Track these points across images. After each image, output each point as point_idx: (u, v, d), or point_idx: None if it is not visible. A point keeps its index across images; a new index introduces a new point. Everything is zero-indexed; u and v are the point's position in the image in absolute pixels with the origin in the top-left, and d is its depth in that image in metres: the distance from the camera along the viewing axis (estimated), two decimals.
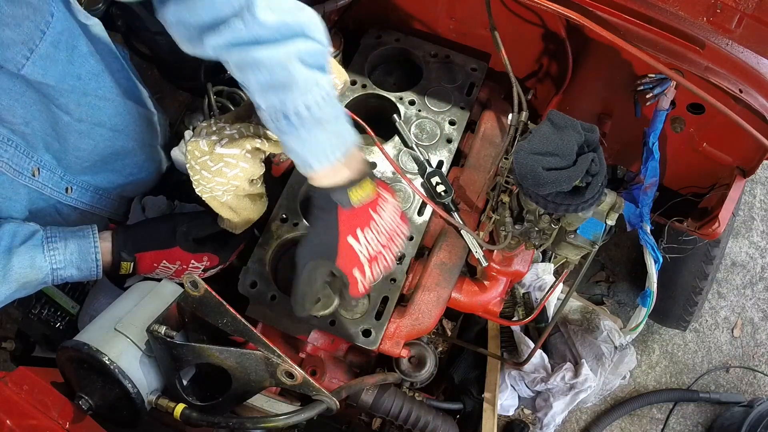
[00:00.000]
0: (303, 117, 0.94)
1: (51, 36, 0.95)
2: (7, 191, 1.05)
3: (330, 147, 0.97)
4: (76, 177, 1.18)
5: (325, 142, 0.97)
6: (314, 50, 0.95)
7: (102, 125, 1.14)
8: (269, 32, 0.91)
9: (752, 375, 2.27)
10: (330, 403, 1.02)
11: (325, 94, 0.95)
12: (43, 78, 0.98)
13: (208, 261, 1.19)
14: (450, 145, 1.38)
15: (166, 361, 1.02)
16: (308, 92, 0.94)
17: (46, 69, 0.97)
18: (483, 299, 1.29)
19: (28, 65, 0.94)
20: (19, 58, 0.93)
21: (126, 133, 1.21)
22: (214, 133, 1.07)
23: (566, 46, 1.40)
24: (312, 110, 0.94)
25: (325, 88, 0.95)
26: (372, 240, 1.06)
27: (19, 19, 0.89)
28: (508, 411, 1.97)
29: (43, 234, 1.05)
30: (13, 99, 0.97)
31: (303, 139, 0.96)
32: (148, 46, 1.41)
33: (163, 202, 1.32)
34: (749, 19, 1.16)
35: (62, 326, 1.29)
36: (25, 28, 0.91)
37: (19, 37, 0.91)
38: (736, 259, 2.41)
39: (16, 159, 1.04)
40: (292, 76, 0.92)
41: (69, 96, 1.05)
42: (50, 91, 1.01)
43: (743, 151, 1.32)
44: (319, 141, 0.96)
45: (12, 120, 1.00)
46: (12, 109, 0.98)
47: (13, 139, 1.02)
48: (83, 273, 1.09)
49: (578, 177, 0.96)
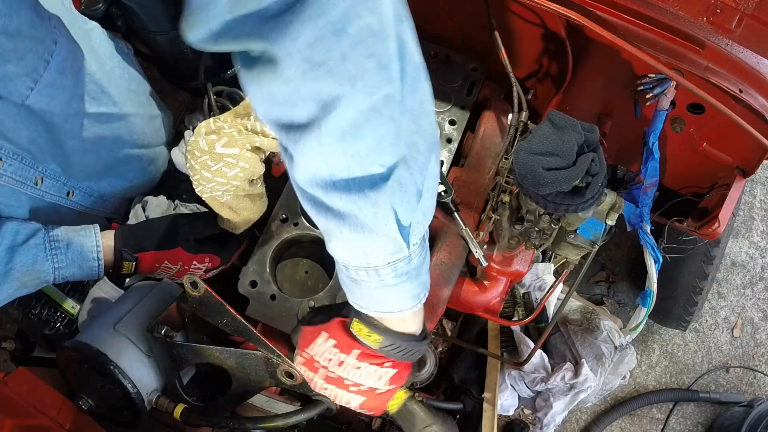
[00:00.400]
0: (384, 274, 0.78)
1: (56, 63, 0.94)
2: (9, 199, 1.05)
3: (405, 303, 0.84)
4: (79, 183, 1.18)
5: (400, 300, 0.84)
6: (410, 202, 0.74)
7: (105, 138, 1.15)
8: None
9: (752, 375, 2.27)
10: (330, 403, 1.02)
11: (414, 251, 0.79)
12: (49, 107, 0.97)
13: (209, 262, 1.19)
14: (450, 145, 1.38)
15: (166, 361, 1.02)
16: (401, 251, 0.76)
17: (52, 96, 0.96)
18: (483, 299, 1.29)
19: (33, 95, 0.93)
20: (22, 90, 0.91)
21: (131, 142, 1.22)
22: (214, 132, 1.07)
23: (566, 46, 1.40)
24: (397, 269, 0.78)
25: (415, 246, 0.79)
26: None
27: (21, 52, 0.87)
28: (508, 411, 1.97)
29: (45, 233, 1.05)
30: (17, 122, 0.97)
31: (382, 293, 0.82)
32: (148, 46, 1.41)
33: (163, 202, 1.32)
34: (749, 19, 1.16)
35: (62, 326, 1.29)
36: (28, 60, 0.89)
37: (22, 70, 0.89)
38: (736, 259, 2.41)
39: (21, 171, 1.04)
40: (390, 237, 0.74)
41: (73, 120, 1.04)
42: (54, 119, 1.01)
43: (743, 151, 1.32)
44: (399, 296, 0.83)
45: (17, 140, 0.99)
46: (17, 131, 0.98)
47: (19, 153, 1.02)
48: (85, 272, 1.09)
49: (578, 177, 0.96)
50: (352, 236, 0.73)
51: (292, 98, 0.62)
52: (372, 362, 0.89)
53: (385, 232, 0.72)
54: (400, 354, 0.89)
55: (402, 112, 0.66)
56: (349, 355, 0.89)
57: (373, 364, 0.89)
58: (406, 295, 0.83)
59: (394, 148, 0.67)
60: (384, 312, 0.85)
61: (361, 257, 0.76)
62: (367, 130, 0.64)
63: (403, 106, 0.66)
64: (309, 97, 0.61)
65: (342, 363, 0.90)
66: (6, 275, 1.00)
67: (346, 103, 0.61)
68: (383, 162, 0.67)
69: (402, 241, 0.74)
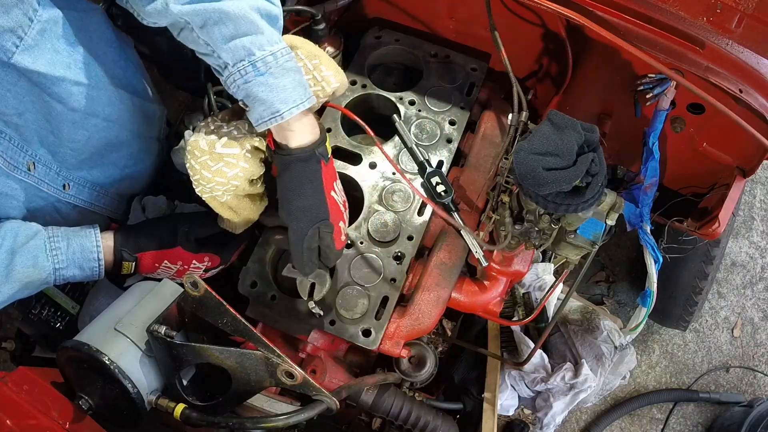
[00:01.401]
0: (269, 64, 0.97)
1: (38, 24, 0.96)
2: (4, 187, 1.05)
3: (298, 95, 1.00)
4: (72, 173, 1.17)
5: (293, 90, 0.99)
6: (272, 11, 1.01)
7: (95, 115, 1.14)
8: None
9: (752, 375, 2.27)
10: (330, 403, 1.02)
11: (287, 50, 1.00)
12: (34, 66, 0.98)
13: (209, 261, 1.19)
14: (450, 145, 1.38)
15: (166, 361, 1.02)
16: (274, 43, 0.98)
17: (35, 57, 0.98)
18: (483, 299, 1.29)
19: (18, 53, 0.94)
20: (8, 46, 0.93)
21: (120, 123, 1.21)
22: (213, 132, 1.07)
23: (566, 46, 1.40)
24: (278, 59, 0.98)
25: (286, 45, 1.00)
26: (340, 191, 1.11)
27: (7, 6, 0.90)
28: (508, 411, 1.97)
29: (46, 234, 1.05)
30: (4, 89, 0.97)
31: (270, 85, 0.98)
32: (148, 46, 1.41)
33: (163, 202, 1.32)
34: (749, 19, 1.16)
35: (62, 326, 1.29)
36: (14, 15, 0.92)
37: (8, 24, 0.91)
38: (736, 259, 2.41)
39: (11, 152, 1.04)
40: (257, 26, 0.96)
41: (61, 85, 1.04)
42: (42, 80, 1.01)
43: (743, 151, 1.32)
44: (287, 88, 0.99)
45: (4, 111, 0.99)
46: (4, 99, 0.98)
47: (6, 132, 1.02)
48: (85, 273, 1.09)
49: (578, 177, 0.96)
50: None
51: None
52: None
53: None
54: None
55: None
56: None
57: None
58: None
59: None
60: (308, 100, 1.00)
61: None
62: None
63: None
64: None
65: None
66: (7, 277, 1.00)
67: None
68: None
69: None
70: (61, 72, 1.03)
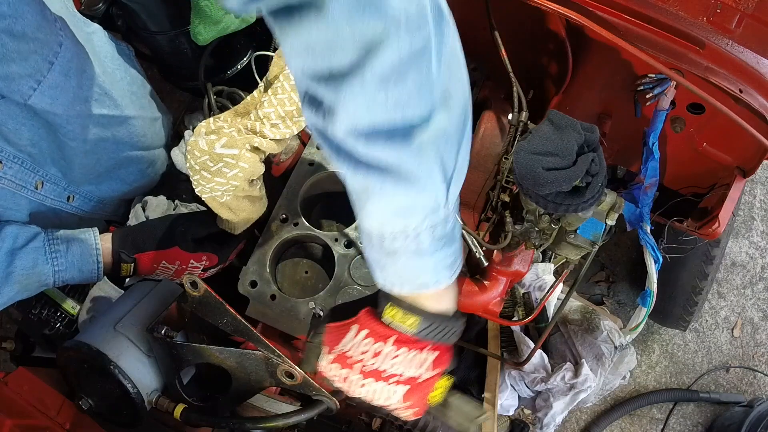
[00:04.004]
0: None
1: (60, 65, 0.94)
2: (8, 202, 1.05)
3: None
4: (79, 187, 1.18)
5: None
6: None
7: (106, 140, 1.14)
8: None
9: (752, 375, 2.27)
10: (330, 403, 1.02)
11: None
12: (51, 107, 0.97)
13: (207, 261, 1.19)
14: None
15: (166, 361, 1.02)
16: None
17: (54, 98, 0.96)
18: (483, 299, 1.29)
19: (35, 95, 0.93)
20: (25, 90, 0.91)
21: (130, 144, 1.22)
22: (213, 132, 1.07)
23: (566, 46, 1.40)
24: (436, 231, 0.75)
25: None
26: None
27: (25, 54, 0.88)
28: (508, 411, 1.97)
29: (45, 237, 1.05)
30: (19, 123, 0.96)
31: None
32: (148, 46, 1.41)
33: (163, 202, 1.32)
34: (749, 19, 1.16)
35: (62, 326, 1.29)
36: (32, 61, 0.89)
37: (26, 71, 0.89)
38: (736, 259, 2.41)
39: (21, 174, 1.04)
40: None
41: (75, 121, 1.04)
42: (57, 120, 1.00)
43: (743, 151, 1.32)
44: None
45: (18, 142, 0.99)
46: (18, 132, 0.98)
47: (19, 157, 1.02)
48: (85, 275, 1.09)
49: (578, 177, 0.95)
50: (394, 190, 0.69)
51: (334, 42, 0.60)
52: (411, 347, 0.82)
53: (429, 184, 0.70)
54: (440, 335, 0.84)
55: (438, 58, 0.65)
56: (385, 343, 0.82)
57: (412, 350, 0.82)
58: (442, 264, 0.79)
59: (432, 94, 0.66)
60: (420, 287, 0.79)
61: (400, 219, 0.73)
62: (409, 74, 0.63)
63: (438, 51, 0.65)
64: (352, 39, 0.60)
65: (378, 353, 0.82)
66: (6, 279, 1.00)
67: (390, 47, 0.60)
68: (424, 107, 0.66)
69: (444, 196, 0.72)
70: (78, 108, 1.03)
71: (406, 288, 0.80)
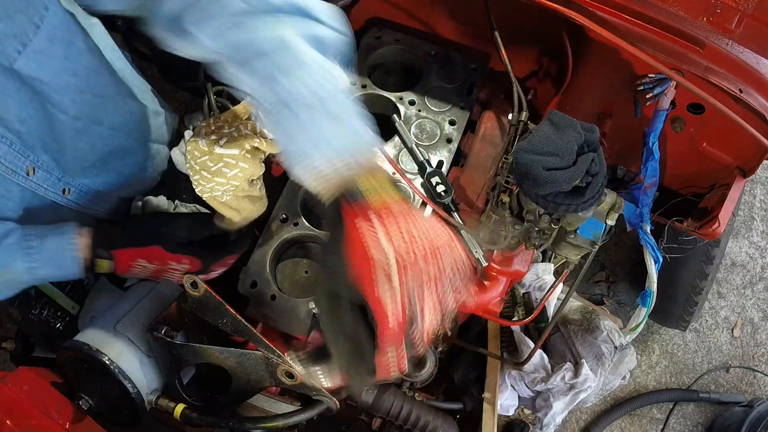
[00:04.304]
0: (313, 107, 0.82)
1: (46, 30, 0.93)
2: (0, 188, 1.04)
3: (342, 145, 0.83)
4: (75, 179, 1.16)
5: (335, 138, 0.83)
6: (326, 35, 0.91)
7: (100, 123, 1.12)
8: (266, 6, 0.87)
9: (752, 375, 2.27)
10: (330, 403, 1.02)
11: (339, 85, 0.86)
12: (37, 73, 0.95)
13: (188, 264, 1.12)
14: (450, 145, 1.38)
15: (166, 361, 1.02)
16: (321, 78, 0.84)
17: (40, 64, 0.95)
18: (483, 299, 1.29)
19: (21, 59, 0.91)
20: (10, 51, 0.90)
21: (126, 132, 1.20)
22: (213, 132, 1.07)
23: (566, 46, 1.40)
24: (324, 100, 0.83)
25: (341, 79, 0.87)
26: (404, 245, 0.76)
27: (10, 11, 0.87)
28: (508, 411, 1.97)
29: (22, 232, 1.01)
30: (6, 96, 0.95)
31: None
32: (148, 46, 1.41)
33: (163, 202, 1.32)
34: (749, 19, 1.16)
35: (62, 326, 1.29)
36: (17, 20, 0.89)
37: (11, 30, 0.88)
38: (736, 259, 2.41)
39: (10, 157, 1.01)
40: (299, 58, 0.84)
41: (64, 93, 1.02)
42: (44, 89, 0.98)
43: (743, 151, 1.32)
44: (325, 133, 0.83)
45: (6, 117, 0.97)
46: (6, 106, 0.95)
47: (7, 137, 0.99)
48: (62, 271, 1.04)
49: (578, 177, 0.96)
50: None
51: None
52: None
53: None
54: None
55: None
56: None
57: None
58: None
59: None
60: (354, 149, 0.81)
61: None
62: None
63: None
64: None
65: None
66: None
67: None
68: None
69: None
70: (66, 79, 1.01)
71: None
